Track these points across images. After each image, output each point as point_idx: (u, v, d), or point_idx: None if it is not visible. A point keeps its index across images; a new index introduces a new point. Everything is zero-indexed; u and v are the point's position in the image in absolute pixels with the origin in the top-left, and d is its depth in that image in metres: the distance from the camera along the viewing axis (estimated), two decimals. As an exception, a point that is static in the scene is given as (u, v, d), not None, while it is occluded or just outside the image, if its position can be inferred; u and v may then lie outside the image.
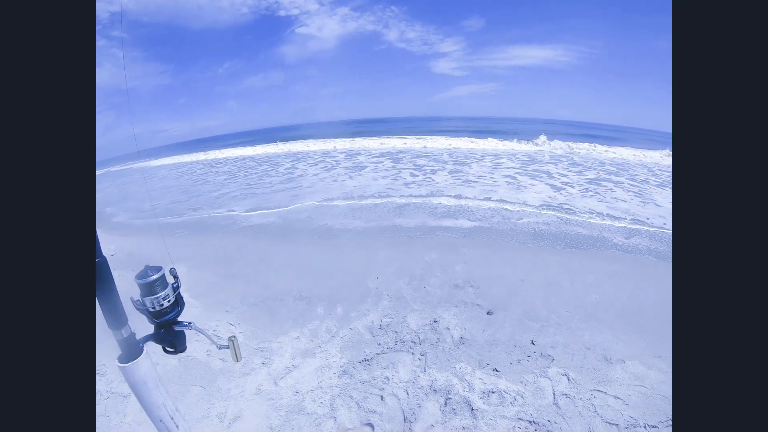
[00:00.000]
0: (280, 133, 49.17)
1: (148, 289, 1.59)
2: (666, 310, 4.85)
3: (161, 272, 1.62)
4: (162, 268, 1.64)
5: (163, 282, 1.63)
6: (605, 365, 3.92)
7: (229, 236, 8.63)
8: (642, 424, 3.25)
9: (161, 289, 1.62)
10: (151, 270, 1.61)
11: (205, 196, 13.71)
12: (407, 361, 3.91)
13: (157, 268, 1.62)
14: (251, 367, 3.92)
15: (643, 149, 24.94)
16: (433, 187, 12.89)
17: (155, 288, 1.60)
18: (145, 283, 1.58)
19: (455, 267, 6.07)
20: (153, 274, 1.58)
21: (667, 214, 9.89)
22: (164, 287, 1.64)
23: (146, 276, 1.57)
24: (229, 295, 5.43)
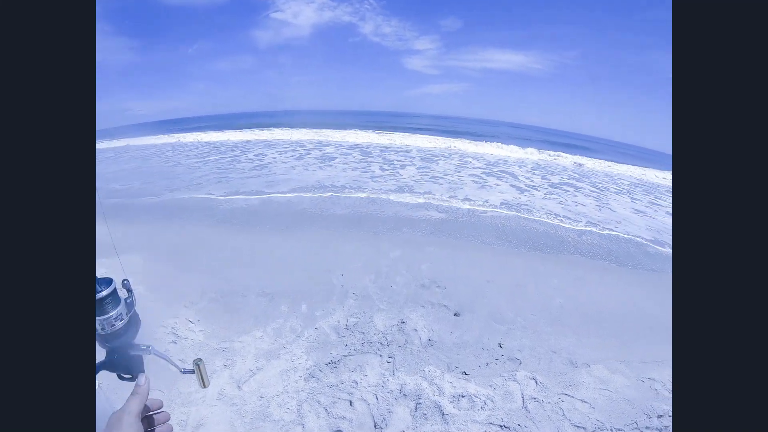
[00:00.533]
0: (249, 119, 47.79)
1: (97, 308, 1.32)
2: (626, 316, 4.99)
3: (112, 286, 1.33)
4: (113, 280, 1.35)
5: (114, 299, 1.34)
6: (571, 369, 3.97)
7: (191, 224, 8.19)
8: (609, 428, 3.31)
9: (113, 308, 1.33)
10: (99, 284, 1.32)
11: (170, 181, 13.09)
12: (375, 364, 3.81)
13: (106, 281, 1.33)
14: (213, 369, 3.71)
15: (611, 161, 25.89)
16: (400, 183, 12.86)
17: (105, 306, 1.31)
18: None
19: (421, 266, 6.02)
20: (102, 289, 1.30)
21: (621, 220, 10.20)
22: (116, 305, 1.35)
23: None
24: (188, 289, 5.13)
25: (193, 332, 4.21)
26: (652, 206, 13.89)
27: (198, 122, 47.32)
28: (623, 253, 7.99)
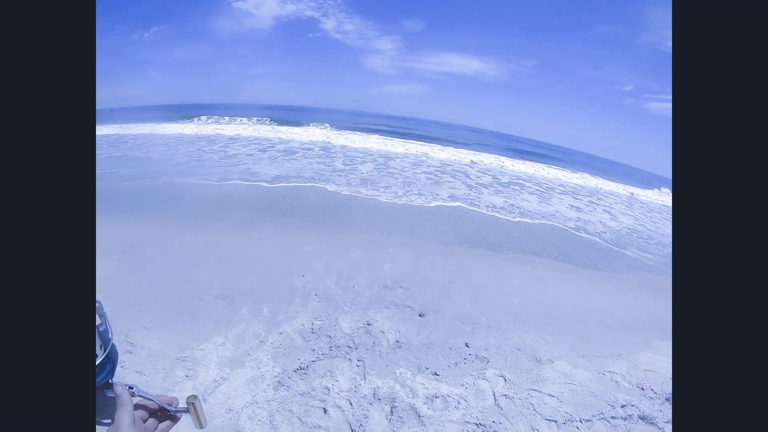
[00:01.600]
0: (204, 110, 45.52)
1: None
2: (583, 314, 5.15)
3: None
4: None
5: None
6: (536, 365, 4.05)
7: (142, 219, 7.66)
8: (577, 419, 3.40)
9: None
10: None
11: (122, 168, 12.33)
12: (345, 368, 3.71)
13: None
14: (174, 381, 3.48)
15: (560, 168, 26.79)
16: (358, 178, 12.79)
17: None
18: None
19: (383, 266, 5.96)
20: None
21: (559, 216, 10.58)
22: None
23: None
24: (142, 291, 4.80)
25: (149, 340, 3.95)
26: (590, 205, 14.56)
27: (149, 111, 44.78)
28: (567, 246, 8.30)
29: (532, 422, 3.33)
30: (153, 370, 3.57)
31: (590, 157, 65.78)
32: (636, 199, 22.08)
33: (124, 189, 10.01)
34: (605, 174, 30.31)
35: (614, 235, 11.02)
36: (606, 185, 24.15)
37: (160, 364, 3.64)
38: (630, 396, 3.67)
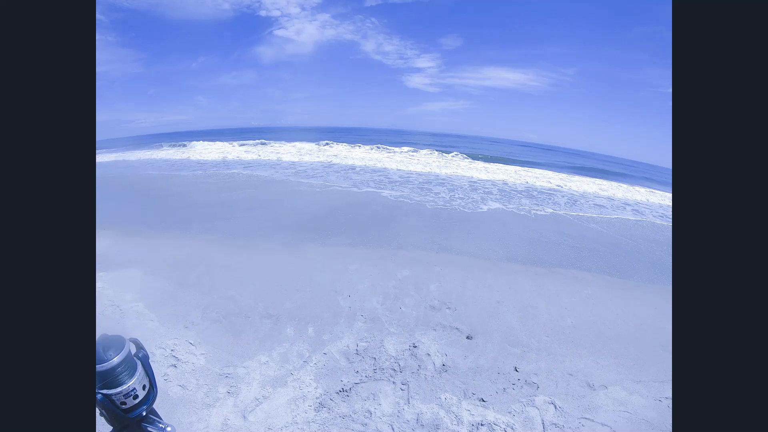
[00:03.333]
0: (252, 135, 47.10)
1: (108, 378, 1.06)
2: (639, 335, 4.86)
3: (125, 348, 1.08)
4: (125, 341, 1.09)
5: (130, 364, 1.10)
6: (589, 392, 3.84)
7: (188, 239, 7.91)
8: (631, 453, 3.17)
9: (129, 377, 1.09)
10: (107, 346, 1.06)
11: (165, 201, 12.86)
12: (389, 392, 3.63)
13: (116, 341, 1.08)
14: (215, 397, 3.51)
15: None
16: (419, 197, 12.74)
17: (120, 377, 1.07)
18: (102, 371, 1.04)
19: (430, 286, 5.85)
20: (113, 354, 1.04)
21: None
22: (133, 371, 1.10)
23: (102, 359, 1.04)
24: (188, 308, 4.93)
25: (194, 355, 4.02)
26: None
27: (199, 136, 46.90)
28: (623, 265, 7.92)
29: (583, 454, 3.15)
30: (196, 385, 3.61)
31: (645, 167, 63.21)
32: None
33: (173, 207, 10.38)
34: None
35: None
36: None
37: (203, 380, 3.68)
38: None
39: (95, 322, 1.01)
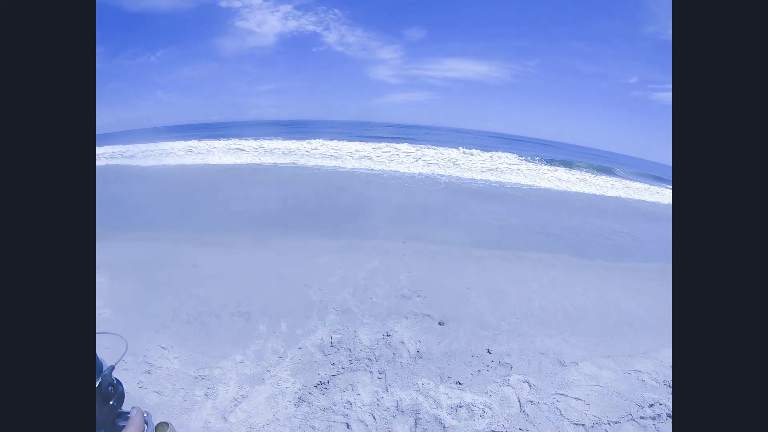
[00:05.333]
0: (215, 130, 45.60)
1: None
2: (604, 314, 5.05)
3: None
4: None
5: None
6: (561, 369, 3.97)
7: (153, 238, 7.67)
8: (605, 421, 3.34)
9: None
10: None
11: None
12: (366, 381, 3.66)
13: None
14: (193, 401, 3.44)
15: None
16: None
17: None
18: None
19: (399, 276, 5.90)
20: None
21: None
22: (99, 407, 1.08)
23: None
24: (158, 311, 4.80)
25: (167, 360, 3.93)
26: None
27: (163, 133, 45.23)
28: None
29: (559, 427, 3.27)
30: (172, 390, 3.54)
31: (598, 152, 64.74)
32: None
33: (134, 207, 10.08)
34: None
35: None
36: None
37: (179, 384, 3.61)
38: (658, 394, 3.60)
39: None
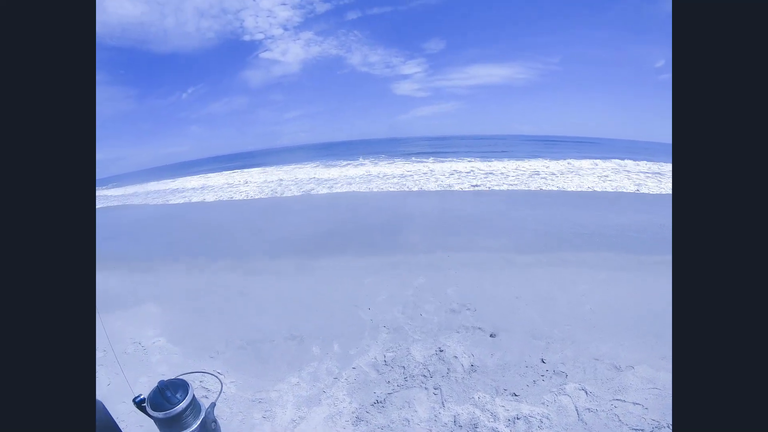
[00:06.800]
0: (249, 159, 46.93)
1: (175, 423, 1.07)
2: (659, 312, 4.90)
3: (189, 392, 1.09)
4: (188, 383, 1.12)
5: (195, 406, 1.12)
6: (616, 374, 3.89)
7: (200, 267, 7.97)
8: (665, 425, 3.25)
9: (194, 419, 1.12)
10: (172, 390, 1.07)
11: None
12: (423, 398, 3.68)
13: (180, 385, 1.09)
14: (251, 424, 3.54)
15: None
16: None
17: (186, 421, 1.09)
18: (169, 417, 1.06)
19: (446, 290, 5.90)
20: (180, 398, 1.07)
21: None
22: (198, 413, 1.13)
23: (168, 405, 1.05)
24: (211, 338, 4.97)
25: (224, 384, 4.05)
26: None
27: (197, 166, 46.88)
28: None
29: (619, 435, 3.20)
30: (230, 414, 3.64)
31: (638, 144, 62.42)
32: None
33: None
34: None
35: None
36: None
37: (237, 408, 3.72)
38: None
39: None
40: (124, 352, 4.69)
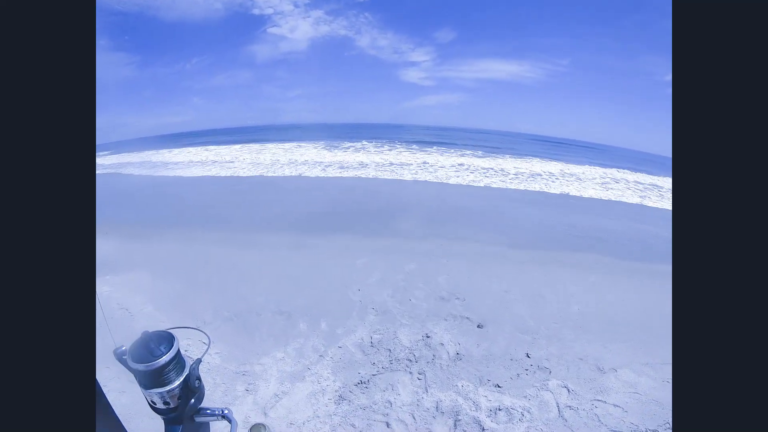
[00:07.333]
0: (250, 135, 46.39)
1: (157, 377, 1.03)
2: (646, 319, 4.94)
3: (174, 345, 1.05)
4: (174, 336, 1.07)
5: (179, 362, 1.08)
6: (599, 375, 3.93)
7: (194, 241, 7.86)
8: (643, 429, 3.30)
9: (177, 376, 1.07)
10: (156, 342, 1.04)
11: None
12: (407, 382, 3.70)
13: (165, 338, 1.05)
14: (234, 395, 3.55)
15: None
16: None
17: (168, 376, 1.05)
18: (150, 369, 1.02)
19: (438, 278, 5.92)
20: (164, 351, 1.03)
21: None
22: (182, 369, 1.09)
23: (150, 357, 1.01)
24: (199, 308, 4.94)
25: (209, 355, 4.04)
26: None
27: (197, 137, 46.43)
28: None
29: (598, 434, 3.24)
30: (213, 384, 3.65)
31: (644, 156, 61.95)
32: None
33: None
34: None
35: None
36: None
37: (220, 379, 3.73)
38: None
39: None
40: (110, 317, 4.65)
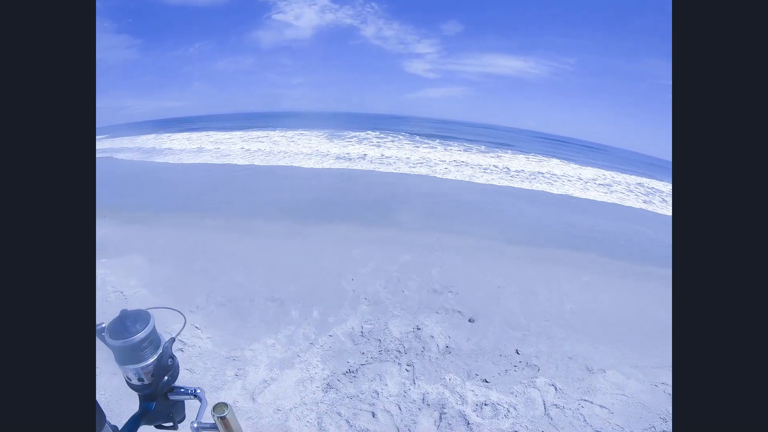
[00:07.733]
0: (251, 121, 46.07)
1: (132, 354, 1.06)
2: (637, 322, 4.96)
3: (150, 323, 1.08)
4: (150, 315, 1.09)
5: (154, 339, 1.10)
6: (587, 375, 3.94)
7: (191, 227, 7.85)
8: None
9: (152, 353, 1.10)
10: (132, 319, 1.06)
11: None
12: (394, 373, 3.72)
13: (141, 316, 1.07)
14: (223, 380, 3.58)
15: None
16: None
17: (143, 353, 1.07)
18: (126, 345, 1.04)
19: (431, 271, 5.93)
20: (139, 329, 1.05)
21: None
22: (156, 347, 1.11)
23: (126, 334, 1.04)
24: (193, 293, 4.97)
25: (200, 339, 4.07)
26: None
27: (199, 122, 46.22)
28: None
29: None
30: (203, 368, 3.67)
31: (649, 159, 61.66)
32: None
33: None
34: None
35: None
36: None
37: (210, 363, 3.75)
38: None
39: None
40: (104, 300, 4.68)
